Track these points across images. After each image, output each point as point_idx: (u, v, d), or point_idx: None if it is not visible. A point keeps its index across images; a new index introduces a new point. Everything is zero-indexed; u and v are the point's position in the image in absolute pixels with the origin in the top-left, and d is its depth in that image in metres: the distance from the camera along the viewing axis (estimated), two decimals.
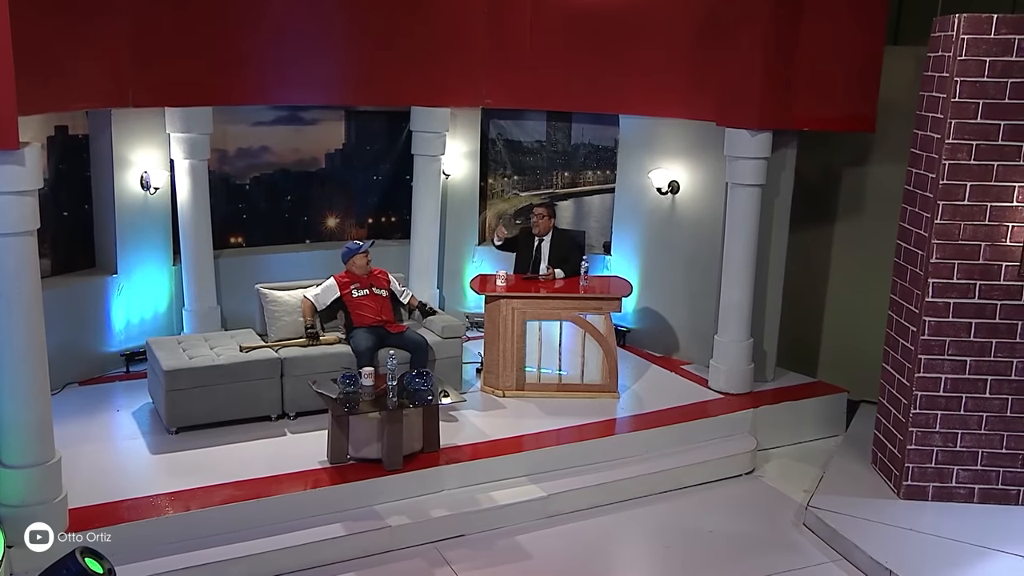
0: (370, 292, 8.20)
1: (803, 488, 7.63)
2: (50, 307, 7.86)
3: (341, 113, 9.96)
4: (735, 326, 8.47)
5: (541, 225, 8.84)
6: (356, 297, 8.14)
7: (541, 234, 8.86)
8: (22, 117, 7.56)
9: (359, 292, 8.16)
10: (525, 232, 9.00)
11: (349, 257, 8.26)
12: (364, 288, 8.18)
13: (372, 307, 8.14)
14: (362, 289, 8.18)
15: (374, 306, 8.16)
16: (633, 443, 7.79)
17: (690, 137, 9.07)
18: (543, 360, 8.45)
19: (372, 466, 6.96)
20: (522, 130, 10.32)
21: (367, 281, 8.24)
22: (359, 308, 8.13)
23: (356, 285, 8.18)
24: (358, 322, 8.09)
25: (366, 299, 8.16)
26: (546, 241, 8.85)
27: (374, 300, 8.19)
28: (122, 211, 8.56)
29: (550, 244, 8.85)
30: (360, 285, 8.19)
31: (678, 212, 9.34)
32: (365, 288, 8.19)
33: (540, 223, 8.84)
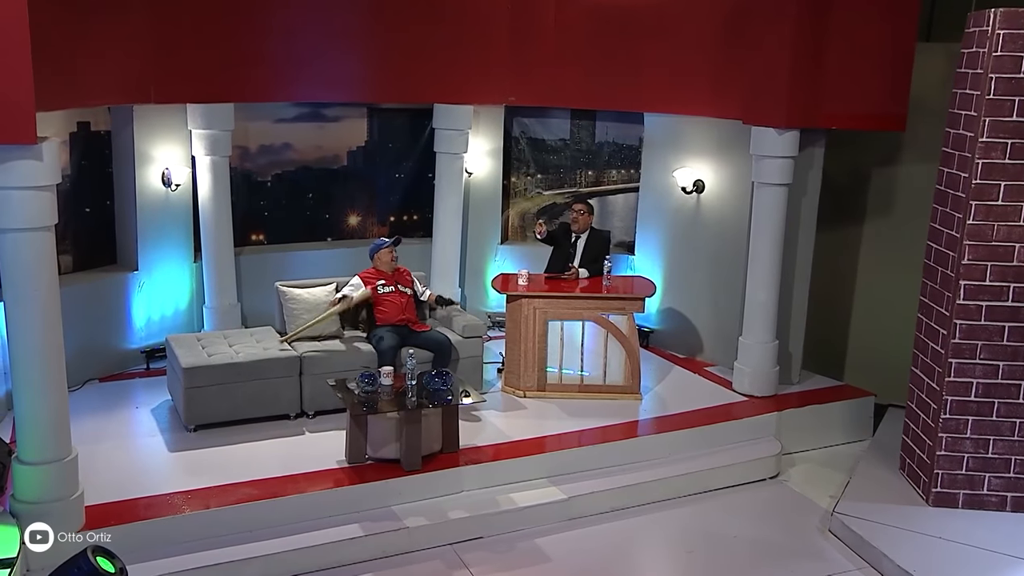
0: (395, 289, 8.14)
1: (829, 494, 7.49)
2: (71, 303, 7.92)
3: (364, 110, 9.89)
4: (760, 327, 8.33)
5: (580, 222, 8.73)
6: (381, 294, 8.08)
7: (580, 231, 8.75)
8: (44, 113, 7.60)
9: (385, 289, 8.11)
10: (564, 227, 8.90)
11: (375, 252, 8.22)
12: (390, 285, 8.13)
13: (396, 304, 8.09)
14: (388, 286, 8.12)
15: (398, 303, 8.10)
16: (655, 445, 7.68)
17: (715, 135, 8.93)
18: (565, 360, 8.35)
19: (390, 466, 6.89)
20: (546, 128, 10.22)
21: (392, 278, 8.18)
22: (383, 304, 8.07)
23: (382, 282, 8.13)
24: (381, 319, 8.03)
25: (391, 296, 8.10)
26: (582, 239, 8.75)
27: (399, 297, 8.13)
28: (143, 208, 8.54)
29: (586, 242, 8.74)
30: (386, 282, 8.14)
31: (703, 212, 9.21)
32: (391, 285, 8.13)
33: (580, 219, 8.73)
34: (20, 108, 5.12)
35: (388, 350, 7.72)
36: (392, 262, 8.20)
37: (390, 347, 7.75)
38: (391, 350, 7.73)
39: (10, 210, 5.34)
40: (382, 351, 7.74)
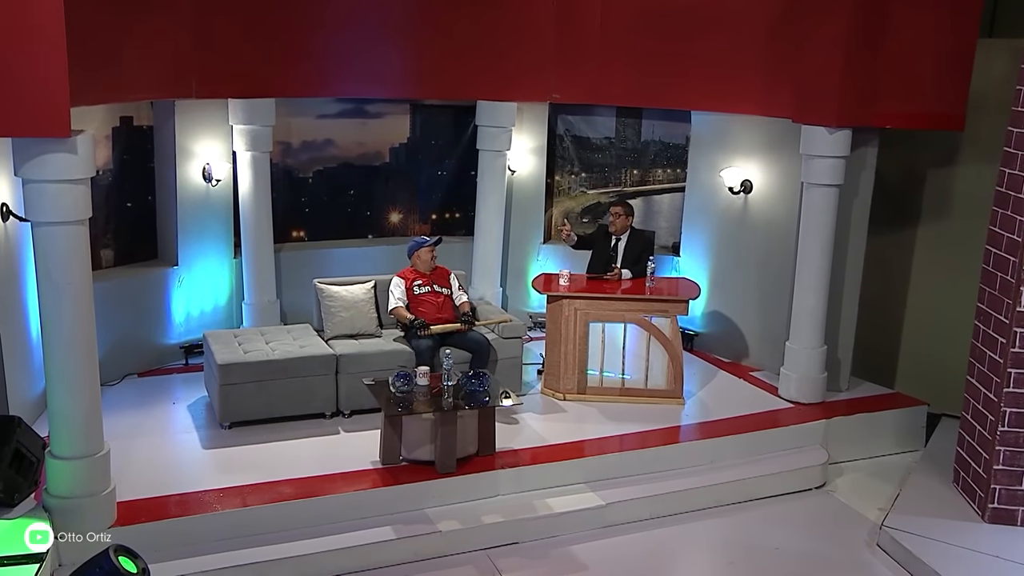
0: (431, 290, 8.02)
1: (877, 506, 7.23)
2: (111, 298, 8.02)
3: (406, 107, 9.80)
4: (808, 332, 8.09)
5: (618, 224, 8.54)
6: (418, 294, 7.97)
7: (618, 233, 8.56)
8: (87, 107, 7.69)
9: (421, 289, 7.99)
10: (602, 229, 8.72)
11: (414, 251, 8.10)
12: (426, 285, 8.00)
13: (432, 304, 7.97)
14: (424, 286, 8.00)
15: (435, 303, 7.98)
16: (697, 452, 7.48)
17: (764, 134, 8.70)
18: (606, 363, 8.18)
19: (425, 468, 6.78)
20: (591, 126, 10.04)
21: (429, 279, 8.05)
22: (419, 305, 7.96)
23: (419, 282, 8.00)
24: (417, 316, 7.90)
25: (427, 296, 7.99)
26: (622, 240, 8.56)
27: (435, 297, 8.01)
28: (184, 203, 8.53)
29: (626, 244, 8.55)
30: (423, 282, 8.01)
31: (750, 212, 8.98)
32: (427, 285, 8.01)
33: (617, 222, 8.54)
34: (54, 101, 5.08)
35: (426, 350, 7.61)
36: (431, 261, 8.07)
37: (428, 347, 7.63)
38: (428, 351, 7.61)
39: (44, 203, 5.31)
40: (419, 352, 7.62)
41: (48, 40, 5.00)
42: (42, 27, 4.98)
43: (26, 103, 5.03)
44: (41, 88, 5.04)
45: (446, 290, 8.13)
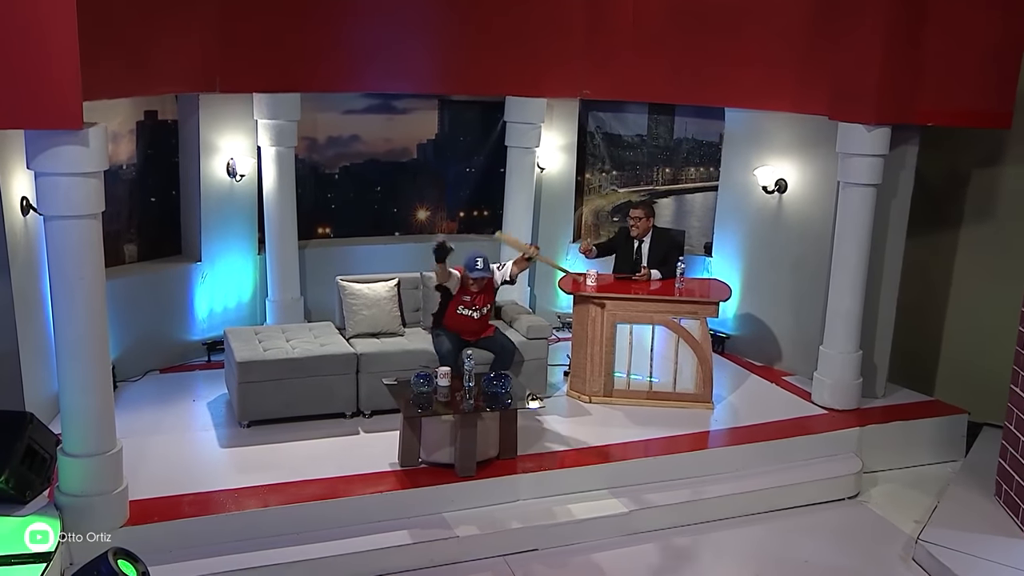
0: (472, 314, 7.55)
1: (914, 518, 6.96)
2: (134, 293, 7.97)
3: (435, 102, 9.68)
4: (843, 336, 7.83)
5: (640, 227, 8.30)
6: (460, 313, 7.54)
7: (640, 236, 8.33)
8: (111, 101, 7.64)
9: (465, 311, 7.54)
10: (623, 232, 8.49)
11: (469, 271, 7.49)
12: (469, 308, 7.55)
13: (469, 324, 7.57)
14: (467, 308, 7.55)
15: (471, 323, 7.58)
16: (726, 459, 7.26)
17: (800, 132, 8.46)
18: (633, 366, 7.98)
19: (444, 471, 6.63)
20: (622, 123, 9.84)
21: (473, 300, 7.54)
22: (456, 318, 7.55)
23: (467, 298, 7.52)
24: (450, 326, 7.57)
25: (467, 320, 7.56)
26: (645, 242, 8.33)
27: (475, 324, 7.60)
28: (208, 198, 8.45)
29: (650, 244, 8.33)
30: (469, 301, 7.53)
31: (785, 212, 8.72)
32: (469, 308, 7.55)
33: (639, 226, 8.30)
34: (65, 93, 4.98)
35: (448, 354, 7.38)
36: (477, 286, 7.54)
37: (450, 350, 7.41)
38: (451, 354, 7.39)
39: (56, 197, 5.23)
40: (443, 354, 7.42)
41: (59, 32, 4.91)
42: (53, 19, 4.88)
43: (37, 95, 4.95)
44: (52, 80, 4.95)
45: (487, 307, 7.67)
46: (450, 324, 7.59)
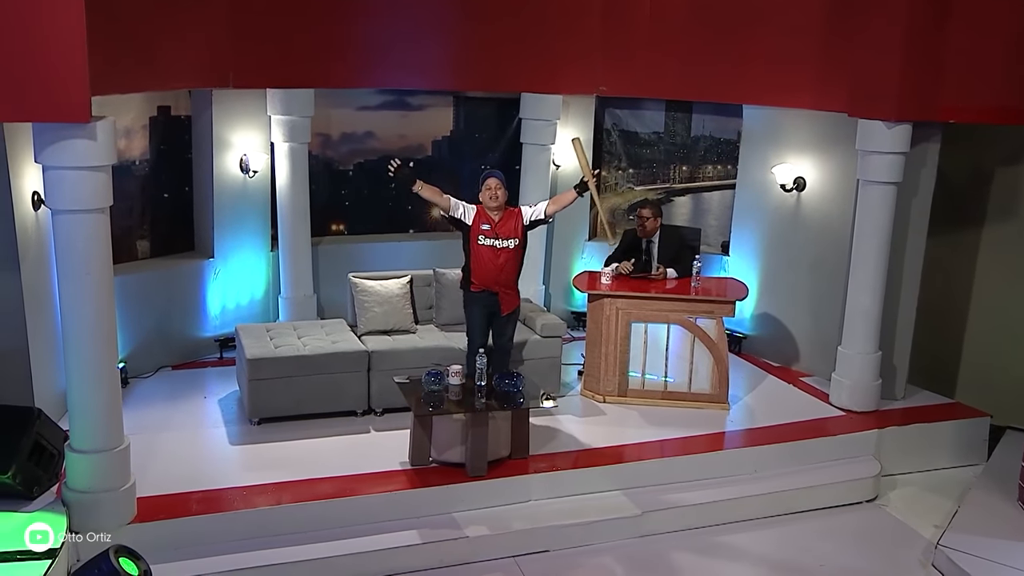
0: (493, 244, 6.93)
1: (933, 523, 6.83)
2: (147, 289, 7.94)
3: (450, 99, 9.62)
4: (862, 337, 7.70)
5: (648, 227, 8.17)
6: (481, 245, 6.91)
7: (647, 236, 8.21)
8: (123, 96, 7.60)
9: (484, 240, 6.91)
10: (630, 234, 8.36)
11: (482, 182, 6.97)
12: (489, 237, 6.91)
13: (491, 262, 6.91)
14: (487, 238, 6.91)
15: (493, 262, 6.92)
16: (741, 460, 7.15)
17: (819, 129, 8.33)
18: (648, 365, 7.87)
19: (455, 471, 6.55)
20: (639, 120, 9.73)
21: (495, 227, 6.91)
22: (479, 258, 6.93)
23: (485, 225, 6.91)
24: (477, 277, 6.98)
25: (485, 250, 6.93)
26: (654, 242, 8.21)
27: (494, 255, 6.92)
28: (220, 194, 8.41)
29: (659, 243, 8.21)
30: (489, 230, 6.92)
31: (803, 211, 8.60)
32: (490, 237, 6.91)
33: (647, 225, 8.17)
34: (72, 86, 4.93)
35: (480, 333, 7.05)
36: (497, 201, 6.87)
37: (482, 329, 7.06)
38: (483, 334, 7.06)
39: (63, 190, 5.18)
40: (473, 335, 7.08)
41: (67, 24, 4.86)
42: (61, 11, 4.84)
43: (45, 88, 4.90)
44: (60, 73, 4.90)
45: (512, 242, 6.94)
46: (476, 272, 6.95)
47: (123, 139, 7.81)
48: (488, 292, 7.04)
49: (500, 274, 6.98)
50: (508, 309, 7.13)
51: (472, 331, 7.15)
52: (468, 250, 7.04)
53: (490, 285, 7.01)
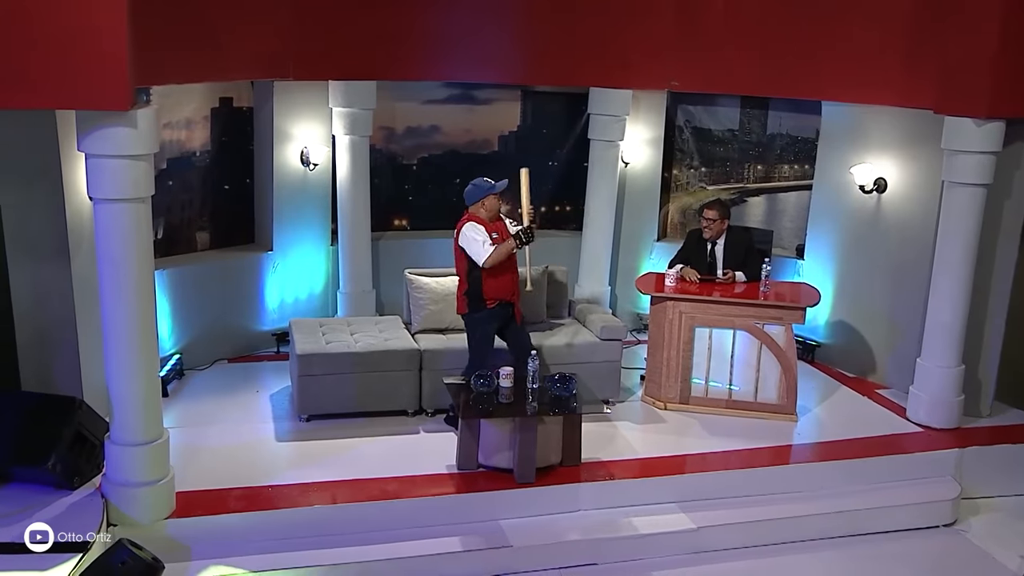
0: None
1: (1020, 552, 6.36)
2: (205, 281, 7.92)
3: (517, 93, 9.39)
4: (943, 349, 7.24)
5: (714, 229, 7.79)
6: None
7: (713, 238, 7.84)
8: (185, 87, 7.58)
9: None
10: (694, 235, 8.00)
11: (481, 198, 6.76)
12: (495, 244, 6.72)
13: (511, 271, 6.72)
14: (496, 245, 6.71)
15: (512, 270, 6.72)
16: (808, 476, 6.77)
17: (902, 127, 7.87)
18: (712, 372, 7.53)
19: (502, 476, 6.33)
20: (712, 117, 9.35)
21: (491, 228, 6.74)
22: (496, 271, 6.67)
23: (496, 236, 6.70)
24: (492, 293, 6.73)
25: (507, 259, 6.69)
26: (719, 244, 7.85)
27: (512, 261, 6.72)
28: (280, 187, 8.33)
29: (724, 246, 7.84)
30: (499, 238, 6.71)
31: (883, 214, 8.13)
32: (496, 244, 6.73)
33: (712, 227, 7.79)
34: (113, 73, 4.87)
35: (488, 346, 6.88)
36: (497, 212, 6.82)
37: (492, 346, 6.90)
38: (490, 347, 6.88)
39: (103, 179, 5.13)
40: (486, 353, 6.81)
41: (108, 10, 4.79)
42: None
43: (85, 74, 4.85)
44: (101, 60, 4.85)
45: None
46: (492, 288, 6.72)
47: (184, 130, 7.80)
48: (502, 304, 6.85)
49: (515, 281, 6.84)
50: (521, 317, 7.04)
51: (484, 353, 6.86)
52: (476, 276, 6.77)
53: (506, 295, 6.83)
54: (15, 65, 4.75)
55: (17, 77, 4.78)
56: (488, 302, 6.82)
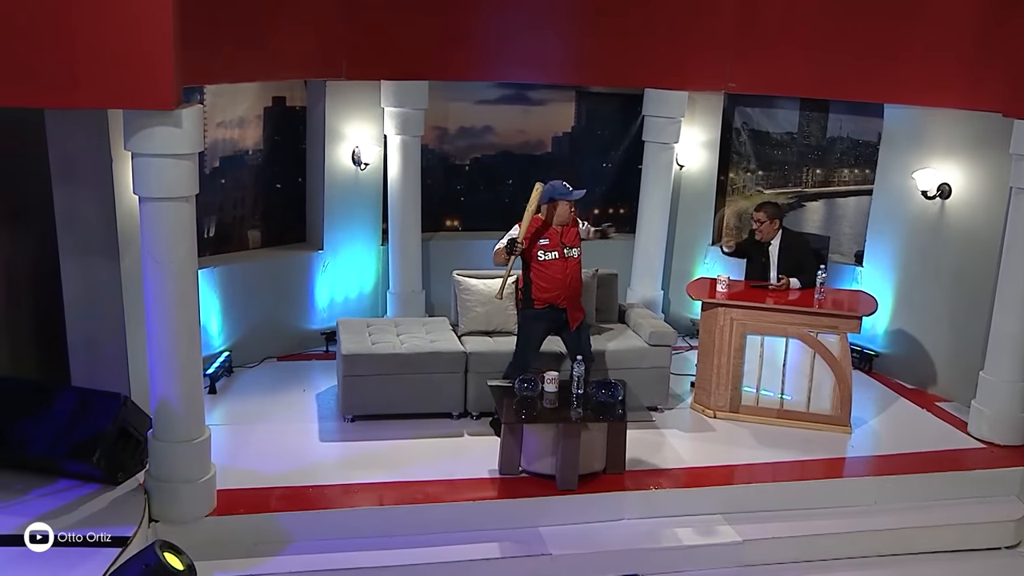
0: (560, 255, 6.70)
1: None
2: (256, 279, 7.97)
3: (572, 94, 9.28)
4: (1008, 362, 6.97)
5: (764, 230, 7.63)
6: (542, 260, 6.67)
7: (766, 239, 7.67)
8: (239, 86, 7.63)
9: (546, 255, 6.68)
10: (751, 236, 7.83)
11: (552, 200, 6.67)
12: (553, 250, 6.67)
13: (561, 277, 6.65)
14: (550, 251, 6.67)
15: (563, 276, 6.66)
16: (861, 490, 6.58)
17: (968, 131, 7.60)
18: (763, 381, 7.34)
19: (544, 482, 6.26)
20: (771, 119, 9.13)
21: (559, 239, 6.68)
22: (542, 274, 6.67)
23: (546, 241, 6.66)
24: (540, 294, 6.74)
25: (555, 263, 6.66)
26: (774, 245, 7.66)
27: (563, 265, 6.67)
28: (332, 186, 8.35)
29: (779, 249, 7.65)
30: (550, 243, 6.67)
31: (947, 220, 7.86)
32: (554, 250, 6.67)
33: (762, 229, 7.63)
34: (158, 72, 4.89)
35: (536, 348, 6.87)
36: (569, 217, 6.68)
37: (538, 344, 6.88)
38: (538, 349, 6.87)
39: (148, 178, 5.16)
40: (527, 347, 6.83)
41: (153, 9, 4.81)
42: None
43: (130, 74, 4.88)
44: (145, 59, 4.86)
45: (576, 250, 6.74)
46: (538, 289, 6.71)
47: (237, 129, 7.85)
48: (552, 307, 6.75)
49: (570, 286, 6.72)
50: (577, 322, 6.87)
51: (527, 353, 6.86)
52: (527, 272, 6.82)
53: (555, 299, 6.72)
54: (61, 65, 4.80)
55: (63, 77, 4.83)
56: (535, 302, 6.79)
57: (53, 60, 4.80)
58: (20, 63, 4.79)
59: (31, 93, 4.90)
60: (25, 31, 4.75)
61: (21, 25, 4.74)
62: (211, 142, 7.59)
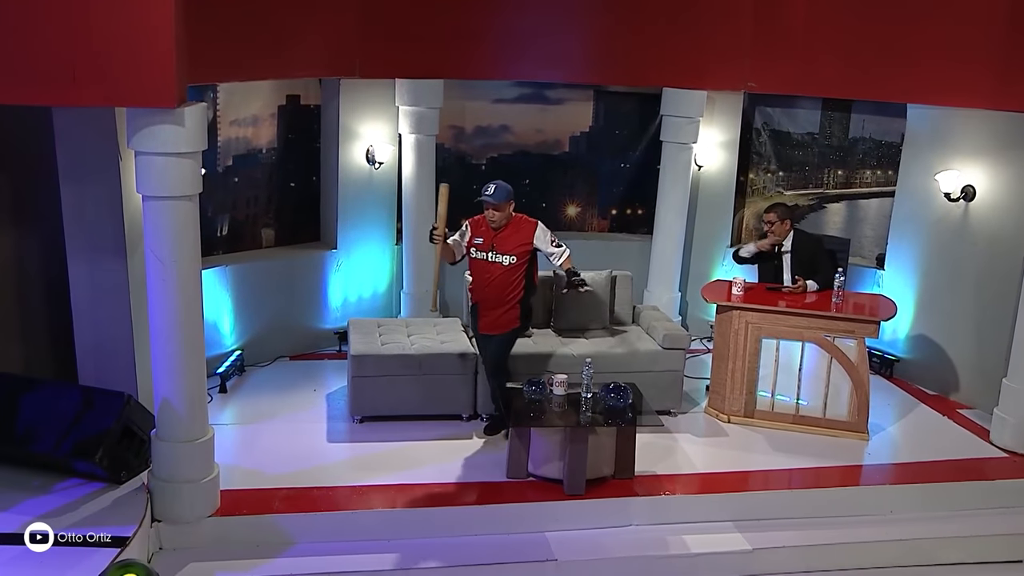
0: (487, 257, 6.51)
1: None
2: (270, 278, 7.95)
3: (590, 93, 9.19)
4: None
5: (777, 231, 7.51)
6: (474, 258, 6.55)
7: (778, 241, 7.54)
8: (252, 84, 7.60)
9: (477, 253, 6.53)
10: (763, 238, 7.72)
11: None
12: (483, 250, 6.51)
13: (481, 278, 6.52)
14: (481, 251, 6.51)
15: (483, 277, 6.51)
16: (877, 499, 6.44)
17: (993, 132, 7.45)
18: (779, 386, 7.21)
19: (552, 487, 6.17)
20: (792, 119, 8.99)
21: (491, 239, 6.49)
22: (472, 271, 6.63)
23: (479, 240, 6.51)
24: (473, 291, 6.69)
25: (480, 264, 6.54)
26: (787, 246, 7.52)
27: (488, 269, 6.49)
28: (346, 185, 8.31)
29: (792, 250, 7.51)
30: (482, 243, 6.51)
31: (971, 223, 7.69)
32: (483, 251, 6.51)
33: (775, 229, 7.51)
34: (160, 70, 4.85)
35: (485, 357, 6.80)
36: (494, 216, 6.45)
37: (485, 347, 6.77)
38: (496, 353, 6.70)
39: (151, 176, 5.13)
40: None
41: (155, 7, 4.77)
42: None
43: (132, 72, 4.84)
44: (147, 57, 4.83)
45: (509, 258, 6.46)
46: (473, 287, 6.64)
47: (251, 127, 7.83)
48: (475, 306, 6.73)
49: (493, 289, 6.54)
50: (486, 329, 6.67)
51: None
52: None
53: (478, 300, 6.67)
54: (63, 63, 4.77)
55: (65, 75, 4.79)
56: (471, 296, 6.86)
57: (55, 58, 4.77)
58: (23, 61, 4.77)
59: (33, 91, 4.88)
60: (28, 29, 4.73)
61: (24, 23, 4.73)
62: (224, 140, 7.58)
